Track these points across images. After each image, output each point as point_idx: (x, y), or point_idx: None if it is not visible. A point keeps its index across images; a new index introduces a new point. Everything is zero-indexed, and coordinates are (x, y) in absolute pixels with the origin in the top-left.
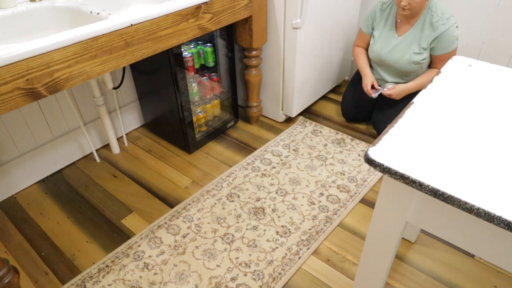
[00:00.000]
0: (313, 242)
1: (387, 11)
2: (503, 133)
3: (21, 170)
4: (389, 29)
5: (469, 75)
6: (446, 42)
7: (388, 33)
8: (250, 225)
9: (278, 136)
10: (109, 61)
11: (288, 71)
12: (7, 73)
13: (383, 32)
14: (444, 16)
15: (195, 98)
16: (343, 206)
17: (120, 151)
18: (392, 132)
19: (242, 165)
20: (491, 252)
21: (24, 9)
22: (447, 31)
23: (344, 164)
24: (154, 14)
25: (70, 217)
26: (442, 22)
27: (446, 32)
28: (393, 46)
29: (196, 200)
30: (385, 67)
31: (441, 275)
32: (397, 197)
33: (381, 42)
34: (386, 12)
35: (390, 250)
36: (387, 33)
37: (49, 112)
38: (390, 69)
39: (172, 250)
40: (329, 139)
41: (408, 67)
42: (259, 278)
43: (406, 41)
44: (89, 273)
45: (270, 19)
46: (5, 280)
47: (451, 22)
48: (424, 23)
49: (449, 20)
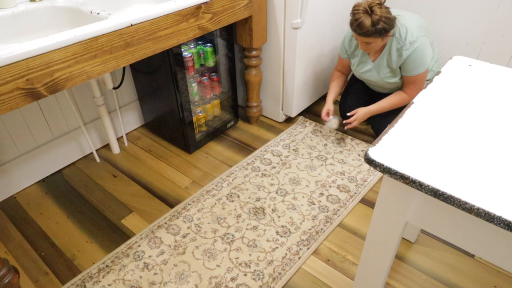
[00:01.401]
0: (313, 242)
1: (355, 42)
2: (503, 133)
3: (21, 170)
4: (362, 56)
5: (469, 75)
6: (412, 65)
7: (362, 59)
8: (250, 225)
9: (278, 136)
10: (109, 61)
11: (288, 71)
12: (7, 73)
13: (358, 59)
14: (408, 40)
15: (195, 98)
16: (343, 206)
17: (120, 151)
18: (392, 132)
19: (242, 165)
20: (491, 252)
21: (24, 9)
22: (411, 56)
23: (344, 164)
24: (154, 14)
25: (70, 217)
26: (406, 47)
27: (410, 57)
28: (369, 70)
29: (196, 200)
30: (371, 83)
31: (441, 275)
32: (397, 197)
33: (359, 68)
34: (355, 43)
35: (390, 250)
36: (361, 59)
37: (49, 112)
38: (372, 84)
39: (172, 250)
40: (329, 139)
41: (390, 85)
42: (259, 278)
43: (379, 66)
44: (89, 273)
45: (270, 19)
46: (5, 280)
47: (415, 45)
48: (391, 49)
49: (412, 44)
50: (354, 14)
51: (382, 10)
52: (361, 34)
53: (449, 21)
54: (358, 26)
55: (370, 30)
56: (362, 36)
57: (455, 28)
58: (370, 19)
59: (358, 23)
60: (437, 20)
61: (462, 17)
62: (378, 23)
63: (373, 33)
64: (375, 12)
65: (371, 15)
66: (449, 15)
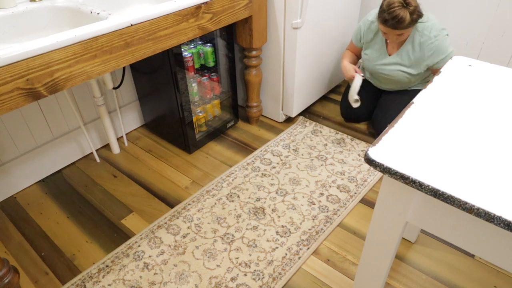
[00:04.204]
0: (313, 242)
1: (375, 31)
2: (503, 133)
3: (21, 170)
4: (379, 47)
5: (469, 75)
6: (440, 57)
7: (379, 51)
8: (250, 225)
9: (278, 136)
10: (109, 61)
11: (288, 71)
12: (7, 73)
13: (374, 50)
14: (432, 34)
15: (195, 98)
16: (343, 206)
17: (120, 151)
18: (392, 132)
19: (242, 165)
20: (491, 252)
21: (24, 9)
22: (438, 49)
23: (344, 164)
24: (154, 14)
25: (70, 217)
26: (431, 41)
27: (437, 50)
28: (385, 63)
29: (196, 200)
30: (378, 76)
31: (441, 275)
32: (397, 197)
33: (373, 60)
34: (374, 32)
35: (390, 250)
36: (378, 51)
37: (49, 112)
38: (383, 78)
39: (172, 250)
40: (329, 139)
41: (401, 79)
42: (259, 278)
43: (397, 59)
44: (89, 273)
45: (270, 19)
46: (5, 280)
47: (439, 39)
48: (413, 43)
49: (437, 38)
50: (391, 12)
51: (414, 0)
52: (400, 28)
53: (449, 21)
54: (398, 22)
55: (409, 22)
56: (399, 29)
57: (455, 28)
58: (407, 11)
59: (399, 18)
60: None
61: (462, 17)
62: (414, 13)
63: (411, 24)
64: (410, 3)
65: (408, 7)
66: (449, 15)
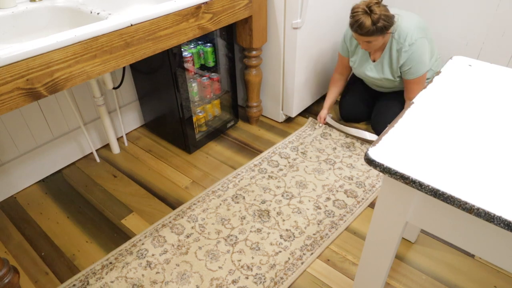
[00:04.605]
0: (317, 247)
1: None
2: (503, 133)
3: (21, 170)
4: (363, 53)
5: (469, 75)
6: (411, 68)
7: (363, 58)
8: (254, 228)
9: (286, 138)
10: (109, 61)
11: (288, 71)
12: (7, 73)
13: (359, 58)
14: (407, 42)
15: (195, 98)
16: (350, 212)
17: (120, 151)
18: (392, 132)
19: (249, 167)
20: (491, 252)
21: (24, 9)
22: (410, 58)
23: (352, 169)
24: (154, 14)
25: (70, 217)
26: (405, 50)
27: (409, 59)
28: (370, 69)
29: (202, 200)
30: (367, 81)
31: (441, 275)
32: (397, 197)
33: (358, 66)
34: (355, 41)
35: (390, 250)
36: (362, 58)
37: (49, 112)
38: (372, 83)
39: (175, 250)
40: (338, 142)
41: (386, 84)
42: (261, 281)
43: (380, 65)
44: (93, 269)
45: (270, 19)
46: (5, 280)
47: (413, 47)
48: (391, 50)
49: (411, 46)
50: (354, 16)
51: (380, 9)
52: (362, 34)
53: (449, 21)
54: (359, 27)
55: (371, 29)
56: (363, 36)
57: (455, 28)
58: (370, 18)
59: (359, 23)
60: (437, 20)
61: (462, 17)
62: (378, 22)
63: (374, 32)
64: (374, 11)
65: (371, 14)
66: (449, 15)
